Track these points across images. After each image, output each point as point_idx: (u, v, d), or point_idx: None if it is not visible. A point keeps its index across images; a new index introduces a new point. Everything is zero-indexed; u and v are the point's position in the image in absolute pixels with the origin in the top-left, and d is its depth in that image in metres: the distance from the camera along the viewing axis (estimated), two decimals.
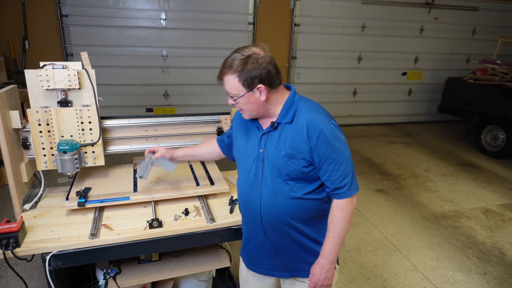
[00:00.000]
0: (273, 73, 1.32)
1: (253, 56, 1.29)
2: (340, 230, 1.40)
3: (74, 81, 1.71)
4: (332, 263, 1.45)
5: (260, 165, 1.44)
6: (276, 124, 1.40)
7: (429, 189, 4.51)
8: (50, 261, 1.54)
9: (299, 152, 1.35)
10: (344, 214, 1.39)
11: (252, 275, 1.68)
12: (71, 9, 5.51)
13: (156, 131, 2.06)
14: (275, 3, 6.22)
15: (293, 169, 1.37)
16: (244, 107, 1.39)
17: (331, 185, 1.37)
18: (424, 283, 2.81)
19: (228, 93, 1.38)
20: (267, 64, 1.30)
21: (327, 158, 1.33)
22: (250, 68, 1.28)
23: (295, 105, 1.39)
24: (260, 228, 1.49)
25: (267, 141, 1.42)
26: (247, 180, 1.49)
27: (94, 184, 1.89)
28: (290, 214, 1.42)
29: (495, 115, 5.65)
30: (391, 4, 6.74)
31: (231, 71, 1.31)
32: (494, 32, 7.39)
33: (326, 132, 1.32)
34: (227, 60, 1.33)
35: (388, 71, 7.24)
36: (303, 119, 1.35)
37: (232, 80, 1.32)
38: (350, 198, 1.39)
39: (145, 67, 6.04)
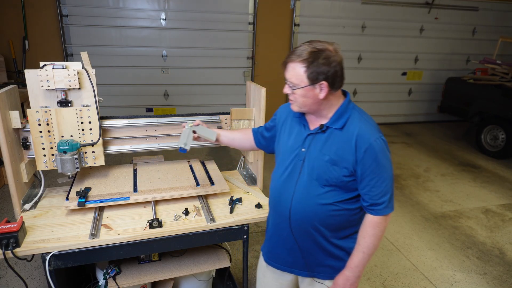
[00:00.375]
0: (339, 75, 1.31)
1: (326, 52, 1.28)
2: (370, 246, 1.39)
3: (74, 81, 1.71)
4: (358, 277, 1.44)
5: (299, 164, 1.42)
6: (325, 128, 1.38)
7: (429, 189, 4.51)
8: (50, 261, 1.54)
9: (343, 160, 1.34)
10: (377, 231, 1.38)
11: (271, 271, 1.67)
12: (71, 9, 5.51)
13: (156, 131, 2.06)
14: (275, 3, 6.22)
15: (333, 176, 1.36)
16: (299, 99, 1.36)
17: (369, 200, 1.36)
18: (424, 283, 2.81)
19: (287, 81, 1.36)
20: (336, 64, 1.29)
21: (371, 173, 1.32)
22: (320, 63, 1.27)
23: (348, 113, 1.37)
24: (287, 225, 1.48)
25: (312, 142, 1.40)
26: (282, 176, 1.48)
27: (94, 184, 1.89)
28: (318, 218, 1.41)
29: (495, 115, 5.65)
30: (391, 4, 6.74)
31: (300, 59, 1.29)
32: (494, 32, 7.39)
33: (375, 146, 1.31)
34: (298, 48, 1.31)
35: (388, 71, 7.24)
36: (354, 129, 1.33)
37: (298, 69, 1.30)
38: (385, 216, 1.38)
39: (145, 67, 6.04)
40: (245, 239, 1.88)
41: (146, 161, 2.26)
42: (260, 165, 2.16)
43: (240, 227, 1.83)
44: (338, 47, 1.32)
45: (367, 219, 1.40)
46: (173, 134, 2.09)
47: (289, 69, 1.34)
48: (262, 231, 3.41)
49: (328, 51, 1.28)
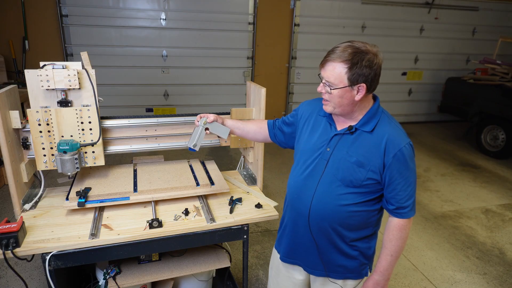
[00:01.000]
0: (376, 78, 1.31)
1: (369, 54, 1.26)
2: (397, 249, 1.42)
3: (74, 81, 1.71)
4: (387, 280, 1.46)
5: (322, 163, 1.42)
6: (354, 129, 1.38)
7: (429, 189, 4.51)
8: (50, 261, 1.54)
9: (370, 163, 1.34)
10: (403, 234, 1.41)
11: (285, 268, 1.67)
12: (71, 9, 5.51)
13: (156, 131, 2.06)
14: (275, 3, 6.22)
15: (358, 177, 1.36)
16: (335, 99, 1.33)
17: (395, 203, 1.37)
18: (424, 283, 2.81)
19: (324, 79, 1.33)
20: (378, 67, 1.28)
21: (399, 177, 1.33)
22: (363, 65, 1.25)
23: (378, 116, 1.38)
24: (305, 224, 1.47)
25: (338, 142, 1.40)
26: (303, 174, 1.47)
27: (94, 184, 1.89)
28: (338, 218, 1.41)
29: (495, 115, 5.65)
30: (391, 4, 6.74)
31: (341, 60, 1.27)
32: (494, 32, 7.39)
33: (405, 152, 1.32)
34: (337, 47, 1.29)
35: (388, 71, 7.23)
36: (383, 133, 1.34)
37: (339, 69, 1.28)
38: (409, 219, 1.40)
39: (145, 67, 6.04)
40: (245, 239, 1.88)
41: (146, 161, 2.26)
42: (260, 165, 2.16)
43: (240, 227, 1.83)
44: (379, 50, 1.31)
45: (393, 222, 1.42)
46: (173, 134, 2.09)
47: (328, 68, 1.30)
48: (262, 231, 3.41)
49: (371, 53, 1.27)
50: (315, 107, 1.53)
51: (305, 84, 6.77)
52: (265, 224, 3.49)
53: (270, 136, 1.73)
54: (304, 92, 6.81)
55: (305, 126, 1.54)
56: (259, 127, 1.74)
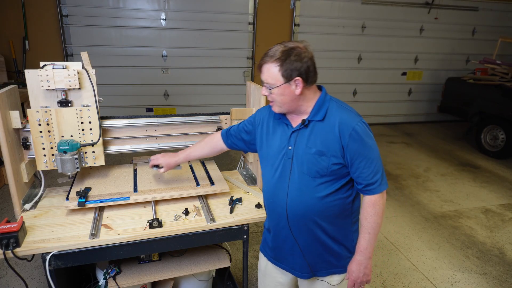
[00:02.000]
0: (311, 70, 1.36)
1: (296, 49, 1.33)
2: (374, 225, 1.43)
3: (74, 81, 1.71)
4: (369, 258, 1.47)
5: (288, 162, 1.45)
6: (307, 122, 1.42)
7: (429, 189, 4.51)
8: (50, 261, 1.54)
9: (330, 149, 1.38)
10: (377, 209, 1.42)
11: (271, 270, 1.69)
12: (71, 9, 5.51)
13: (156, 131, 2.06)
14: (275, 3, 6.22)
15: (323, 166, 1.39)
16: (277, 98, 1.40)
17: (362, 181, 1.40)
18: (424, 283, 2.81)
19: (264, 83, 1.41)
20: (308, 59, 1.34)
21: (359, 155, 1.36)
22: (292, 59, 1.32)
23: (327, 104, 1.42)
24: (285, 225, 1.50)
25: (297, 138, 1.44)
26: (273, 177, 1.50)
27: (94, 184, 1.89)
28: (315, 211, 1.44)
29: (495, 115, 5.65)
30: (391, 4, 6.74)
31: (273, 60, 1.34)
32: (494, 32, 7.39)
33: (358, 130, 1.35)
34: (270, 50, 1.37)
35: (388, 71, 7.24)
36: (335, 118, 1.38)
37: (272, 69, 1.35)
38: (381, 193, 1.42)
39: (145, 67, 6.04)
40: (245, 239, 1.88)
41: (146, 161, 2.26)
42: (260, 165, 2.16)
43: (240, 227, 1.83)
44: (308, 44, 1.38)
45: (365, 200, 1.44)
46: (173, 134, 2.09)
47: (264, 71, 1.38)
48: (262, 231, 3.41)
49: (299, 48, 1.34)
50: (270, 112, 1.57)
51: None
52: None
53: (226, 145, 1.79)
54: None
55: (263, 131, 1.58)
56: (213, 142, 1.83)
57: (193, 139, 2.15)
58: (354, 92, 7.19)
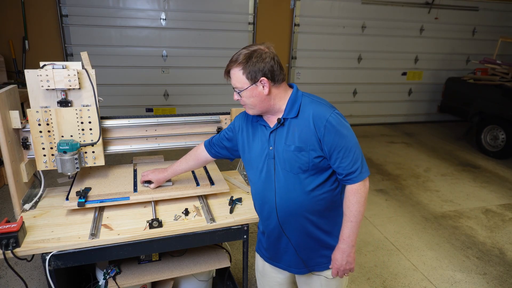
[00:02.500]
0: (275, 69, 1.38)
1: (257, 51, 1.37)
2: (356, 213, 1.43)
3: (74, 81, 1.71)
4: (352, 246, 1.48)
5: (271, 163, 1.47)
6: (282, 120, 1.43)
7: (429, 189, 4.51)
8: (50, 261, 1.54)
9: (308, 144, 1.39)
10: (358, 197, 1.42)
11: (267, 271, 1.71)
12: (71, 9, 5.51)
13: (156, 131, 2.06)
14: (275, 3, 6.22)
15: (304, 161, 1.40)
16: (248, 100, 1.42)
17: (342, 171, 1.40)
18: (424, 283, 2.81)
19: (234, 88, 1.43)
20: (270, 59, 1.37)
21: (336, 146, 1.37)
22: (254, 61, 1.35)
23: (299, 100, 1.43)
24: (276, 224, 1.51)
25: (275, 138, 1.45)
26: (260, 179, 1.52)
27: (94, 184, 1.89)
28: (304, 207, 1.45)
29: (495, 115, 5.65)
30: (391, 4, 6.74)
31: (236, 64, 1.38)
32: (494, 32, 7.39)
33: (332, 121, 1.36)
34: (234, 55, 1.41)
35: (388, 71, 7.24)
36: (309, 112, 1.40)
37: (237, 73, 1.38)
38: (363, 181, 1.42)
39: (145, 67, 6.04)
40: (245, 239, 1.88)
41: (146, 161, 2.26)
42: None
43: (240, 227, 1.83)
44: (270, 45, 1.41)
45: (347, 189, 1.44)
46: (173, 134, 2.09)
47: (231, 77, 1.41)
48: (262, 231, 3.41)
49: (260, 49, 1.37)
50: (248, 117, 1.59)
51: (305, 84, 6.77)
52: None
53: (210, 155, 1.81)
54: None
55: (244, 137, 1.60)
56: (197, 154, 1.85)
57: (193, 139, 2.15)
58: (354, 92, 7.19)
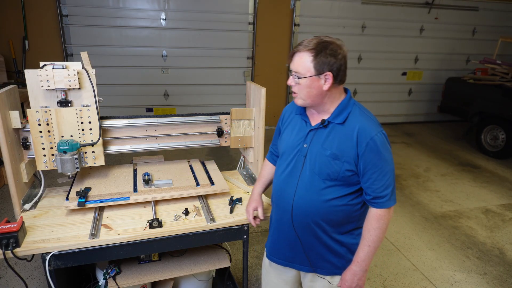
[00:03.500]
0: (342, 69, 1.34)
1: (334, 44, 1.31)
2: (375, 239, 1.41)
3: (74, 81, 1.71)
4: (365, 271, 1.45)
5: (301, 160, 1.44)
6: (326, 123, 1.40)
7: (429, 189, 4.51)
8: (50, 261, 1.54)
9: (345, 155, 1.36)
10: (381, 224, 1.39)
11: (274, 268, 1.69)
12: (71, 9, 5.51)
13: (156, 131, 2.06)
14: (275, 3, 6.22)
15: (334, 170, 1.37)
16: (303, 90, 1.37)
17: (372, 193, 1.38)
18: (424, 283, 2.81)
19: (293, 72, 1.37)
20: (342, 57, 1.32)
21: (373, 166, 1.34)
22: (328, 53, 1.30)
23: (349, 108, 1.40)
24: (289, 220, 1.49)
25: (313, 137, 1.43)
26: (285, 172, 1.50)
27: (94, 184, 1.89)
28: (320, 214, 1.43)
29: (495, 115, 5.65)
30: (391, 4, 6.74)
31: (307, 49, 1.31)
32: (494, 32, 7.39)
33: (377, 140, 1.33)
34: (305, 40, 1.34)
35: (388, 71, 7.24)
36: (355, 124, 1.36)
37: (305, 58, 1.32)
38: (388, 209, 1.39)
39: (145, 67, 6.04)
40: (245, 239, 1.88)
41: (146, 161, 2.26)
42: (260, 165, 2.16)
43: (240, 227, 1.83)
44: (343, 43, 1.36)
45: (371, 213, 1.41)
46: (173, 134, 2.09)
47: (295, 59, 1.35)
48: (262, 231, 3.41)
49: (335, 44, 1.32)
50: (293, 108, 1.57)
51: None
52: (265, 224, 3.49)
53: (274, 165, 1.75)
54: None
55: (285, 125, 1.59)
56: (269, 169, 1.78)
57: (193, 139, 2.15)
58: (354, 92, 7.19)
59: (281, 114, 1.66)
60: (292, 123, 1.54)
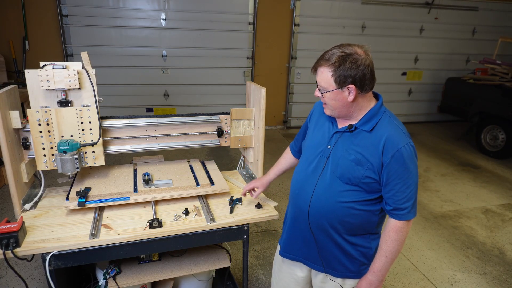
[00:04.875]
0: (367, 77, 1.32)
1: (353, 55, 1.29)
2: (393, 251, 1.40)
3: (74, 81, 1.71)
4: (381, 281, 1.45)
5: (323, 160, 1.44)
6: (353, 128, 1.39)
7: (429, 189, 4.51)
8: (50, 261, 1.54)
9: (368, 162, 1.35)
10: (399, 236, 1.39)
11: (286, 266, 1.69)
12: (71, 9, 5.51)
13: (156, 131, 2.06)
14: (275, 3, 6.22)
15: (356, 175, 1.36)
16: (329, 102, 1.38)
17: (392, 204, 1.37)
18: (424, 283, 2.81)
19: (318, 85, 1.39)
20: (365, 67, 1.30)
21: (396, 177, 1.33)
22: (347, 66, 1.28)
23: (379, 116, 1.39)
24: (305, 219, 1.49)
25: (338, 140, 1.42)
26: (306, 171, 1.50)
27: (94, 184, 1.89)
28: (336, 216, 1.42)
29: (495, 115, 5.65)
30: (391, 4, 6.74)
31: (327, 64, 1.31)
32: (494, 32, 7.39)
33: (403, 152, 1.31)
34: (327, 53, 1.34)
35: (388, 71, 7.24)
36: (383, 133, 1.34)
37: (326, 73, 1.32)
38: (408, 221, 1.38)
39: (145, 67, 6.04)
40: (245, 239, 1.88)
41: (146, 161, 2.26)
42: (260, 165, 2.16)
43: (240, 227, 1.83)
44: (368, 49, 1.34)
45: (390, 223, 1.41)
46: (173, 134, 2.09)
47: (318, 74, 1.36)
48: (262, 231, 3.41)
49: (356, 54, 1.29)
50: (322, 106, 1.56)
51: (305, 84, 6.77)
52: (265, 224, 3.49)
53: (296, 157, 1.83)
54: (304, 92, 6.81)
55: (312, 123, 1.59)
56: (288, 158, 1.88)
57: (193, 139, 2.15)
58: None
59: (312, 109, 1.66)
60: (320, 122, 1.54)
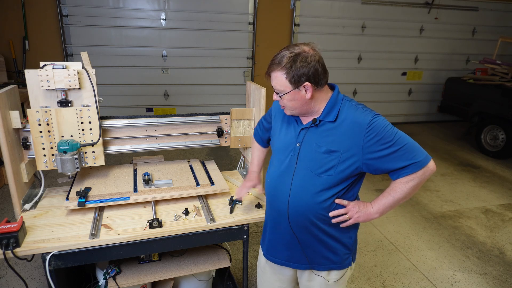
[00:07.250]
0: (320, 72, 1.33)
1: (302, 54, 1.30)
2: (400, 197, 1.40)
3: (74, 81, 1.71)
4: (375, 213, 1.44)
5: (294, 158, 1.44)
6: (318, 121, 1.40)
7: (429, 189, 4.51)
8: (50, 261, 1.54)
9: (342, 148, 1.35)
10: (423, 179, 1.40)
11: (270, 267, 1.69)
12: (71, 9, 5.51)
13: (156, 131, 2.06)
14: (275, 3, 6.22)
15: (332, 165, 1.37)
16: (288, 103, 1.39)
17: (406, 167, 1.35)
18: (424, 283, 2.81)
19: (274, 89, 1.40)
20: (315, 63, 1.31)
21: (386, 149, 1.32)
22: (298, 66, 1.30)
23: (339, 104, 1.40)
24: (285, 219, 1.49)
25: (305, 136, 1.43)
26: (278, 171, 1.50)
27: (94, 184, 1.89)
28: (315, 212, 1.43)
29: (495, 115, 5.65)
30: (391, 4, 6.74)
31: (279, 67, 1.32)
32: (494, 32, 7.39)
33: (375, 124, 1.32)
34: (276, 56, 1.35)
35: (388, 71, 7.24)
36: (348, 117, 1.36)
37: (280, 77, 1.34)
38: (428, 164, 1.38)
39: (145, 67, 6.04)
40: (245, 239, 1.88)
41: (146, 161, 2.26)
42: None
43: (240, 227, 1.83)
44: (315, 45, 1.35)
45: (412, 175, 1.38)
46: (173, 134, 2.09)
47: (272, 78, 1.38)
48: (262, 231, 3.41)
49: (305, 52, 1.31)
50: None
51: None
52: None
53: (262, 146, 1.86)
54: None
55: (277, 123, 1.59)
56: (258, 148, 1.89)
57: (193, 139, 2.15)
58: (354, 92, 7.19)
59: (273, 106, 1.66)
60: (284, 121, 1.54)
